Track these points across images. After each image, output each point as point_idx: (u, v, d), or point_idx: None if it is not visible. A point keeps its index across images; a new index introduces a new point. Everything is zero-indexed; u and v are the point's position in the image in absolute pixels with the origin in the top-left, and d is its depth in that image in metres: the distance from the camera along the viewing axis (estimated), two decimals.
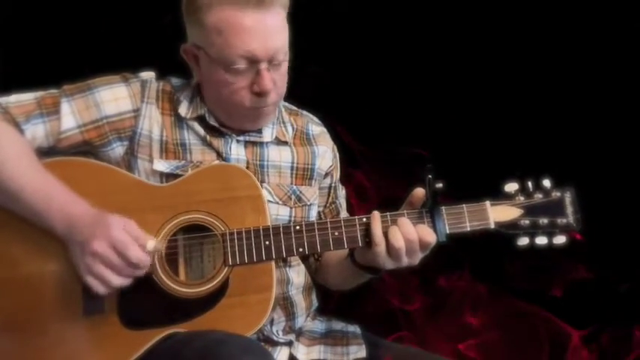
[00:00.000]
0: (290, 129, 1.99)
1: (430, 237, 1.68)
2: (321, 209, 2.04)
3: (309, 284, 1.98)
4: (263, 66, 1.76)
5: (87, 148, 1.82)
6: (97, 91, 1.83)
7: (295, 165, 1.95)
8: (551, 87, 2.98)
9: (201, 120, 1.88)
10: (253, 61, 1.75)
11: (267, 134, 1.93)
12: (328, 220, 1.77)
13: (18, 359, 1.71)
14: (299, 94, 2.01)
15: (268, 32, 1.74)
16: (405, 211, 1.73)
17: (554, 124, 2.97)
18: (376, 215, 1.71)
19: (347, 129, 2.11)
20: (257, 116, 1.85)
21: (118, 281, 1.64)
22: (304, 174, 1.96)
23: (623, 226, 2.87)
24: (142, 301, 1.70)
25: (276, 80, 1.80)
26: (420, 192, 1.72)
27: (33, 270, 1.72)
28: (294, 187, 1.94)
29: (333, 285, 2.03)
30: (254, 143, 1.91)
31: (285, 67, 1.82)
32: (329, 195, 2.06)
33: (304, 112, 2.07)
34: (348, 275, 1.90)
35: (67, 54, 2.74)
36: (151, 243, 1.67)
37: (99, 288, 1.65)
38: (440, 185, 1.68)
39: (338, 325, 1.95)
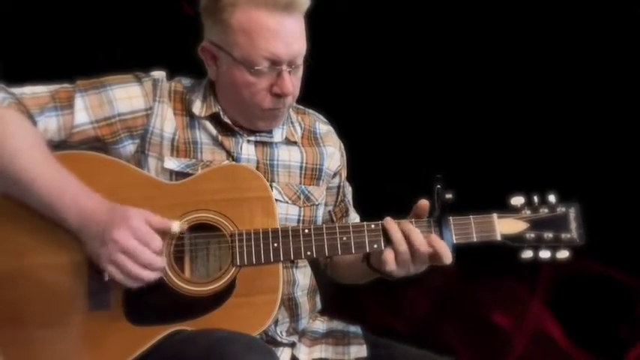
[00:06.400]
0: (298, 128, 2.02)
1: (444, 252, 1.70)
2: (330, 208, 2.07)
3: (314, 286, 2.01)
4: (284, 68, 1.79)
5: (98, 144, 1.83)
6: (110, 88, 1.84)
7: (304, 165, 1.97)
8: (560, 102, 3.02)
9: (213, 118, 1.89)
10: (275, 63, 1.78)
11: (278, 135, 1.95)
12: (337, 225, 1.80)
13: (22, 351, 1.71)
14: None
15: (292, 36, 1.78)
16: (413, 220, 1.75)
17: (562, 138, 3.01)
18: (389, 219, 1.74)
19: (350, 134, 2.13)
20: (273, 117, 1.88)
21: (137, 270, 1.65)
22: (313, 174, 1.99)
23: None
24: (149, 298, 1.71)
25: (294, 83, 1.83)
26: (424, 203, 1.75)
27: (40, 262, 1.73)
28: (303, 186, 1.96)
29: (344, 280, 2.07)
30: (264, 143, 1.93)
31: (301, 71, 1.85)
32: (338, 194, 2.08)
33: (310, 111, 2.09)
34: (362, 275, 1.94)
35: (76, 53, 2.75)
36: (176, 224, 1.69)
37: (118, 276, 1.65)
38: (449, 196, 1.71)
39: (339, 326, 1.98)
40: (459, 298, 3.25)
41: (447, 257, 1.70)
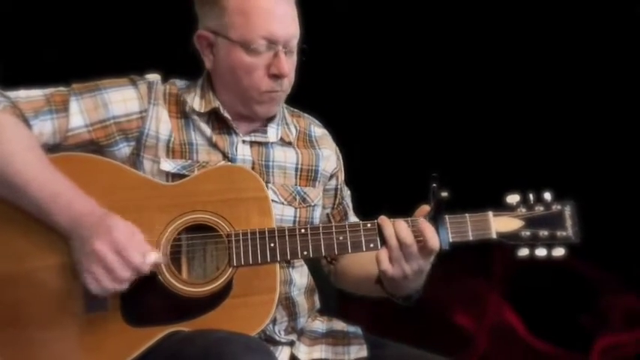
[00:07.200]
0: (294, 130, 2.03)
1: (429, 235, 1.70)
2: (329, 211, 2.08)
3: (312, 285, 2.01)
4: (281, 49, 1.82)
5: (93, 147, 1.84)
6: (105, 91, 1.85)
7: (300, 166, 1.98)
8: (555, 100, 3.03)
9: (211, 114, 1.90)
10: (272, 43, 1.82)
11: (272, 134, 1.95)
12: (333, 224, 1.80)
13: (20, 354, 1.71)
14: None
15: (287, 17, 1.84)
16: (409, 219, 1.75)
17: (557, 136, 3.02)
18: (383, 217, 1.75)
19: (346, 134, 2.14)
20: (270, 100, 1.89)
21: (111, 285, 1.64)
22: (308, 175, 1.99)
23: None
24: (146, 299, 1.71)
25: (290, 66, 1.86)
26: (424, 209, 1.76)
27: (36, 265, 1.73)
28: (299, 187, 1.96)
29: (349, 290, 2.06)
30: (260, 144, 1.94)
31: (295, 57, 1.89)
32: (335, 197, 2.09)
33: (306, 115, 2.10)
34: (369, 292, 1.94)
35: (70, 55, 2.75)
36: (153, 255, 1.67)
37: (94, 288, 1.65)
38: (445, 194, 1.71)
39: (339, 326, 1.97)
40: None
41: (433, 240, 1.69)
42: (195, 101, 1.90)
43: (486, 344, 3.34)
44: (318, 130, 2.08)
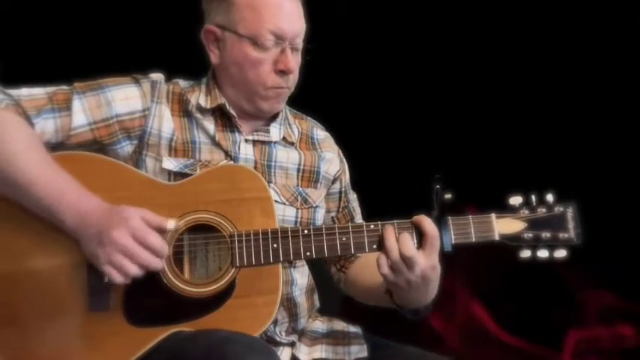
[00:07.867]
0: (296, 131, 2.03)
1: (431, 230, 1.70)
2: (334, 214, 2.07)
3: (312, 285, 2.01)
4: (287, 45, 1.85)
5: (96, 146, 1.83)
6: (108, 90, 1.85)
7: (302, 167, 1.98)
8: (557, 103, 3.05)
9: (216, 111, 1.90)
10: (280, 38, 1.84)
11: (275, 134, 1.96)
12: (336, 225, 1.79)
13: (21, 353, 1.70)
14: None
15: (295, 14, 1.88)
16: (412, 220, 1.75)
17: (560, 137, 3.03)
18: (389, 227, 1.74)
19: (349, 137, 2.15)
20: (276, 96, 1.90)
21: (137, 270, 1.64)
22: (310, 176, 1.99)
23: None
24: (148, 299, 1.70)
25: (295, 64, 1.88)
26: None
27: (39, 264, 1.72)
28: (300, 188, 1.96)
29: (358, 298, 2.06)
30: (262, 143, 1.94)
31: (300, 57, 1.91)
32: (340, 200, 2.08)
33: (308, 117, 2.11)
34: (378, 302, 1.94)
35: (71, 55, 2.75)
36: (171, 222, 1.68)
37: (117, 277, 1.65)
38: (448, 196, 1.71)
39: (339, 326, 1.97)
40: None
41: (431, 229, 1.69)
42: (201, 98, 1.91)
43: (457, 342, 3.34)
44: (321, 133, 2.08)
